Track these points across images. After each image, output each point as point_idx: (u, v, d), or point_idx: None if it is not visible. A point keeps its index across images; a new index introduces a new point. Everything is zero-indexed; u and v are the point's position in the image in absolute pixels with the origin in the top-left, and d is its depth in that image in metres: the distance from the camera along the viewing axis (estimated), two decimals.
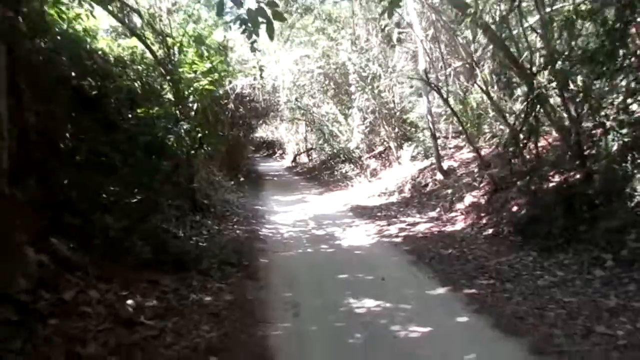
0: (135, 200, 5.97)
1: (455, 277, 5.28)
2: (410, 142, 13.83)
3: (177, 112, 6.87)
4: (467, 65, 10.14)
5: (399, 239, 7.39)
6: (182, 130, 6.44)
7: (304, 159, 28.60)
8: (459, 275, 5.35)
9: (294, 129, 28.43)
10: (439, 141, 12.15)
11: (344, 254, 6.69)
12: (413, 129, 13.42)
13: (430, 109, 11.18)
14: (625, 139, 4.97)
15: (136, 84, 7.35)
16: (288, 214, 10.59)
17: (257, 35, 7.31)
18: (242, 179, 13.52)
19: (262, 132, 33.92)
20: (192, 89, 7.12)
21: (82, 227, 4.68)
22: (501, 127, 10.85)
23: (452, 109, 8.53)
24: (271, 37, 4.55)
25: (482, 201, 8.49)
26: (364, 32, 13.69)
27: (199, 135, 7.16)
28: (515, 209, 7.29)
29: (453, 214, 8.69)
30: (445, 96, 8.45)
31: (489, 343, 3.63)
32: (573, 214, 5.87)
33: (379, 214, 10.01)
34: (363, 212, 10.38)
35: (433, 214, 9.19)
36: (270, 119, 22.86)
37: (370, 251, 6.85)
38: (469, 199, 8.90)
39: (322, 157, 23.37)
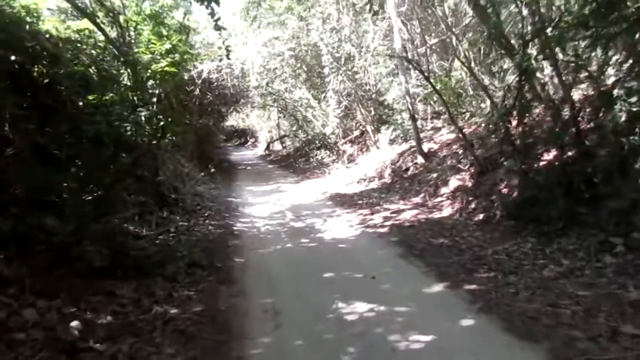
0: (89, 197, 5.25)
1: (451, 271, 4.79)
2: (387, 125, 13.31)
3: (135, 98, 6.10)
4: (446, 40, 9.61)
5: (384, 229, 6.87)
6: (142, 118, 5.68)
7: (277, 146, 27.88)
8: (456, 268, 4.87)
9: (266, 115, 27.58)
10: (417, 123, 11.66)
11: (327, 249, 6.12)
12: (390, 112, 12.88)
13: (408, 89, 10.66)
14: (634, 109, 4.51)
15: (91, 70, 6.57)
16: (264, 206, 9.95)
17: (218, 3, 6.53)
18: (212, 169, 12.72)
19: (233, 120, 32.95)
20: (149, 71, 6.34)
21: (19, 232, 3.96)
22: (482, 105, 10.47)
23: (434, 87, 8.02)
24: None
25: (469, 184, 8.05)
26: (334, 10, 12.99)
27: (162, 123, 6.41)
28: (505, 191, 6.86)
29: (438, 199, 8.23)
30: (426, 74, 7.90)
31: (503, 351, 3.14)
32: (571, 195, 5.45)
33: (360, 201, 9.48)
34: (343, 201, 9.84)
35: (417, 199, 8.72)
36: (240, 106, 21.96)
37: (355, 244, 6.30)
38: (454, 182, 8.45)
39: (297, 144, 22.72)
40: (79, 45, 6.74)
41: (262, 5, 13.39)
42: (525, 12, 6.52)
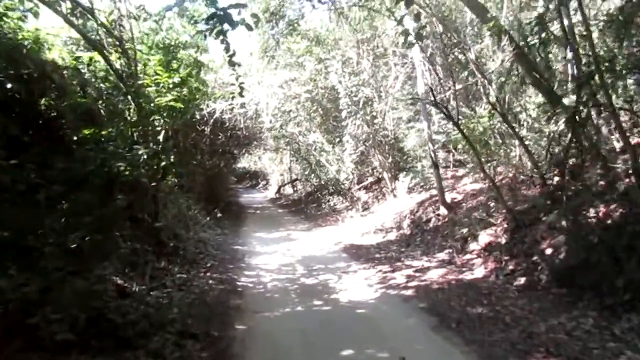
0: (73, 245, 4.52)
1: (499, 353, 3.90)
2: (406, 173, 12.59)
3: (136, 134, 5.49)
4: (469, 86, 9.03)
5: (409, 292, 5.98)
6: (140, 156, 5.03)
7: (288, 190, 27.23)
8: (504, 348, 3.98)
9: (278, 158, 27.14)
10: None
11: (344, 315, 5.24)
12: (409, 159, 12.20)
13: (430, 135, 10.00)
14: None
15: (99, 103, 6.05)
16: (272, 256, 9.12)
17: (226, 31, 6.02)
18: (219, 214, 12.00)
19: (245, 162, 32.62)
20: (153, 105, 5.76)
21: None
22: (511, 153, 9.74)
23: (463, 132, 7.31)
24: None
25: (502, 240, 7.19)
26: (354, 54, 12.61)
27: (163, 163, 5.76)
28: (550, 251, 5.99)
29: (468, 257, 7.35)
30: (455, 119, 7.22)
31: None
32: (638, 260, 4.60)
33: (377, 255, 8.62)
34: (359, 254, 8.98)
35: (443, 255, 7.84)
36: (253, 148, 21.53)
37: (376, 310, 5.41)
38: (484, 237, 7.60)
39: (308, 189, 22.05)
40: (86, 77, 6.26)
41: (280, 47, 13.10)
42: (570, 54, 5.89)
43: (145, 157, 5.18)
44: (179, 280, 6.43)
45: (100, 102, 5.55)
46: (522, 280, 5.80)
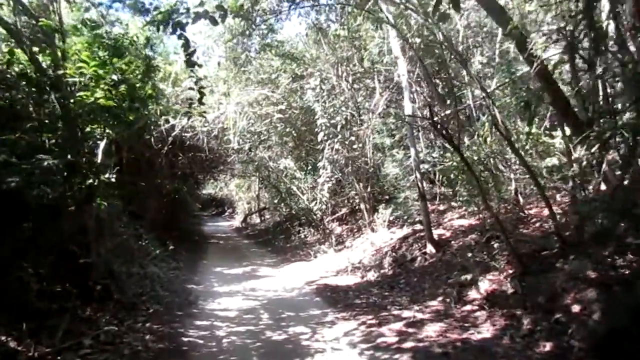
0: None
1: None
2: (385, 204, 11.44)
3: (47, 140, 4.11)
4: (466, 110, 8.05)
5: (405, 357, 4.67)
6: (48, 170, 3.64)
7: (255, 219, 25.70)
8: None
9: (246, 185, 25.69)
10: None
11: None
12: (391, 188, 11.09)
13: (418, 163, 8.92)
14: None
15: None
16: (233, 299, 7.67)
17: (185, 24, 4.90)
18: (171, 246, 10.45)
19: (211, 188, 30.99)
20: (81, 106, 4.39)
21: None
22: (507, 187, 8.73)
23: (465, 159, 6.20)
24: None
25: (508, 289, 6.03)
26: (332, 74, 11.56)
27: (90, 181, 4.36)
28: (577, 308, 4.84)
29: (468, 308, 6.11)
30: (456, 142, 6.13)
31: None
32: None
33: (357, 301, 7.30)
34: (335, 298, 7.64)
35: (436, 304, 6.58)
36: (218, 173, 20.07)
37: None
38: (485, 284, 6.42)
39: (277, 218, 20.64)
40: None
41: (252, 62, 11.95)
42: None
43: (59, 172, 3.78)
44: (105, 336, 4.92)
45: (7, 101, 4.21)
46: (548, 345, 4.59)
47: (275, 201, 18.39)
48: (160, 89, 9.55)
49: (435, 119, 9.05)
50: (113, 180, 6.82)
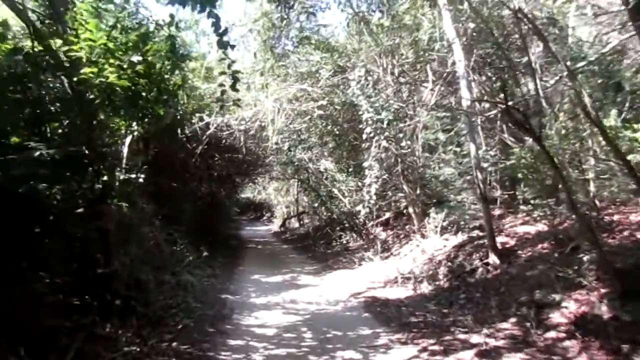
0: None
1: None
2: (437, 208, 10.39)
3: (50, 128, 3.43)
4: (540, 93, 6.97)
5: None
6: (42, 161, 2.95)
7: (294, 223, 25.01)
8: None
9: (285, 189, 25.07)
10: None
11: None
12: (444, 190, 10.05)
13: (478, 160, 7.88)
14: None
15: None
16: (271, 312, 6.88)
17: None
18: (206, 252, 9.80)
19: (249, 192, 30.62)
20: (78, 79, 3.64)
21: None
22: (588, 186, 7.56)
23: (547, 152, 5.15)
24: None
25: (603, 312, 4.94)
26: (376, 68, 10.63)
27: (104, 177, 3.68)
28: None
29: (552, 335, 5.05)
30: (537, 132, 5.08)
31: None
32: None
33: (413, 319, 6.34)
34: (387, 314, 6.70)
35: (508, 327, 5.54)
36: (257, 176, 19.51)
37: None
38: (572, 306, 5.35)
39: (316, 223, 19.85)
40: None
41: (290, 57, 11.22)
42: None
43: (55, 164, 3.08)
44: (124, 358, 4.21)
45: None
46: None
47: (315, 205, 17.59)
48: (191, 81, 8.95)
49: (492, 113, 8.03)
50: (141, 180, 6.17)
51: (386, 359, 4.75)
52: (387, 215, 15.30)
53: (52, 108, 3.36)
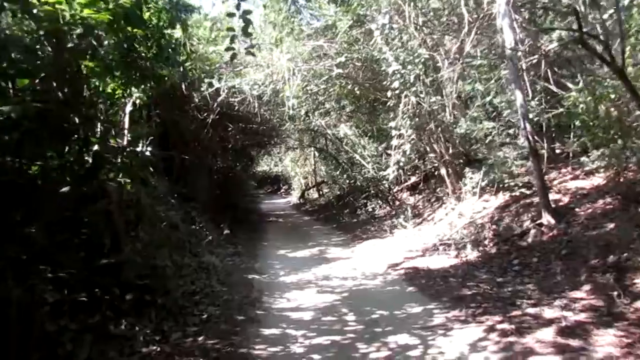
0: None
1: None
2: (473, 167, 9.50)
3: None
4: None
5: None
6: None
7: (313, 194, 24.35)
8: None
9: (302, 158, 24.28)
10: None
11: None
12: (480, 147, 9.13)
13: (526, 109, 6.95)
14: None
15: None
16: (304, 292, 6.20)
17: None
18: (226, 230, 9.14)
19: (265, 164, 29.90)
20: (45, 14, 2.79)
21: None
22: None
23: (633, 89, 4.23)
24: None
25: None
26: (398, 18, 9.53)
27: (96, 147, 2.91)
28: None
29: None
30: (620, 63, 4.14)
31: None
32: None
33: (466, 291, 5.58)
34: (435, 287, 5.96)
35: (583, 296, 4.75)
36: (272, 147, 18.72)
37: None
38: None
39: (337, 192, 19.12)
40: None
41: (303, 12, 10.22)
42: None
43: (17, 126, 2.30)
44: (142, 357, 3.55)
45: None
46: None
47: (336, 173, 16.78)
48: (197, 39, 8.06)
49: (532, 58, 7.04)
50: (148, 153, 5.41)
51: (448, 343, 4.00)
52: (413, 179, 14.48)
53: (14, 56, 2.59)
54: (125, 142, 4.93)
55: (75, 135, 2.98)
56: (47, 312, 3.70)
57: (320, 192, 23.28)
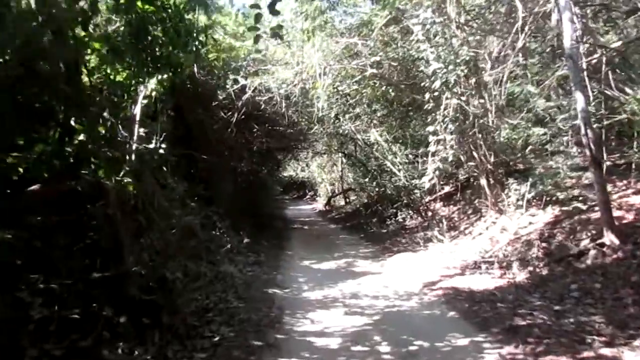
0: None
1: None
2: (520, 178, 8.66)
3: None
4: None
5: None
6: None
7: (339, 201, 23.65)
8: None
9: (329, 164, 23.66)
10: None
11: None
12: (527, 156, 8.30)
13: (588, 114, 6.12)
14: None
15: None
16: (330, 312, 5.52)
17: None
18: (246, 239, 8.59)
19: (291, 169, 29.41)
20: None
21: None
22: None
23: None
24: None
25: None
26: (438, 15, 8.80)
27: (82, 137, 2.34)
28: None
29: None
30: None
31: None
32: None
33: (520, 320, 4.78)
34: (480, 313, 5.18)
35: None
36: (299, 151, 18.16)
37: None
38: None
39: (364, 200, 18.40)
40: None
41: (337, 9, 9.60)
42: None
43: None
44: None
45: None
46: None
47: (365, 180, 16.05)
48: (220, 27, 7.53)
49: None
50: (161, 151, 4.87)
51: None
52: (447, 189, 13.62)
53: None
54: (135, 138, 4.38)
55: (50, 120, 2.42)
56: (32, 331, 3.16)
57: (347, 200, 22.59)
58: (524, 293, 5.81)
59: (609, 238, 5.99)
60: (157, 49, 4.10)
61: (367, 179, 15.78)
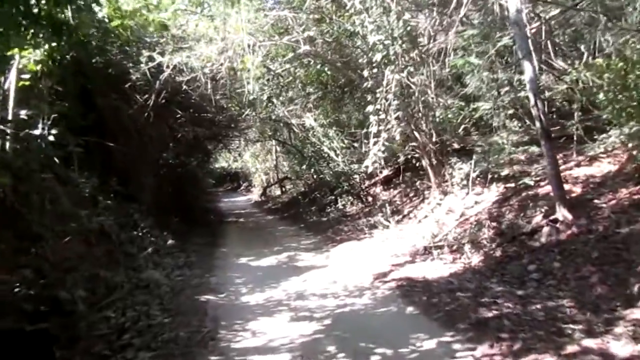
0: None
1: None
2: (463, 157, 8.36)
3: None
4: None
5: None
6: None
7: (275, 191, 22.82)
8: None
9: (263, 154, 22.73)
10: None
11: None
12: (472, 132, 7.99)
13: (537, 85, 5.80)
14: None
15: None
16: (274, 319, 4.76)
17: None
18: (170, 240, 7.63)
19: (224, 161, 28.10)
20: None
21: None
22: None
23: None
24: None
25: None
26: None
27: None
28: None
29: None
30: None
31: None
32: None
33: (485, 312, 4.31)
34: (440, 306, 4.67)
35: (629, 314, 3.60)
36: (230, 140, 17.08)
37: None
38: None
39: (301, 188, 17.74)
40: None
41: None
42: None
43: None
44: None
45: None
46: None
47: (302, 168, 15.37)
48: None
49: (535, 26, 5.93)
50: (51, 139, 3.84)
51: None
52: (385, 172, 13.26)
53: None
54: (10, 123, 3.36)
55: None
56: None
57: (284, 189, 21.83)
58: (482, 278, 5.41)
59: (562, 213, 5.72)
60: (32, 2, 3.10)
61: (304, 166, 15.11)
